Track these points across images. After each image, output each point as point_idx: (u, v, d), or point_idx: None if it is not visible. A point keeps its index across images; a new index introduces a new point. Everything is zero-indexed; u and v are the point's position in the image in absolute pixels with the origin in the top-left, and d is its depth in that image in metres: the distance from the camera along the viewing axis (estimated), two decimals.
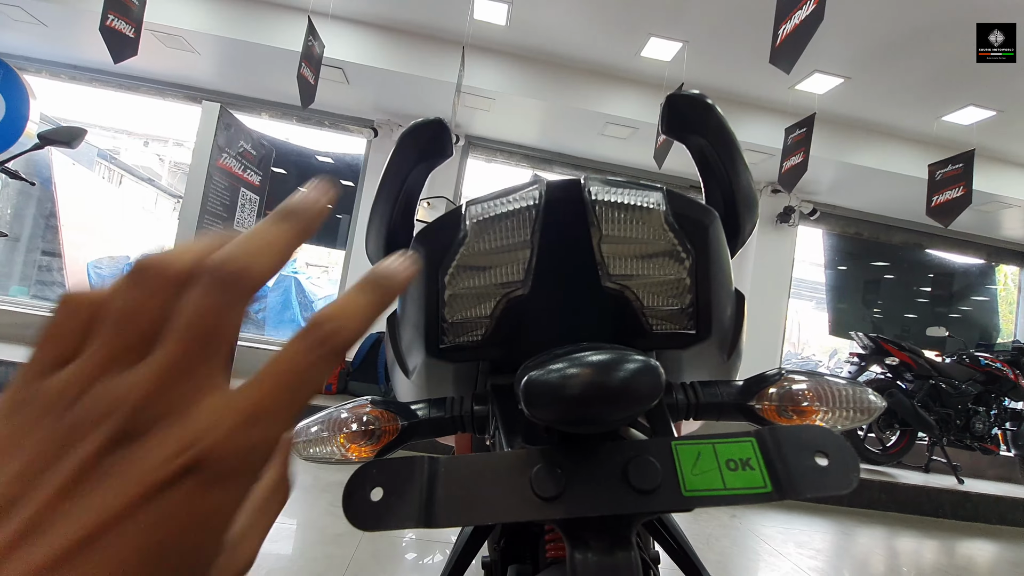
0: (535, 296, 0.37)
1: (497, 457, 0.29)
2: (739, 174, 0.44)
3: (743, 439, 0.29)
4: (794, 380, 0.40)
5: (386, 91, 4.25)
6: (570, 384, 0.27)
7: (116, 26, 2.95)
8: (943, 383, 3.86)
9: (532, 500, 0.27)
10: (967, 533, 3.29)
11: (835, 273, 6.05)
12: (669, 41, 3.59)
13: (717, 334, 0.40)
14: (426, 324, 0.38)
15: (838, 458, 0.28)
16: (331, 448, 0.41)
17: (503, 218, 0.35)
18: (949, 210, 3.57)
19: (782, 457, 0.28)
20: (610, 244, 0.36)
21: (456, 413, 0.42)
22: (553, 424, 0.29)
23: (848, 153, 4.31)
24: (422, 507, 0.27)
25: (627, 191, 0.35)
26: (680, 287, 0.38)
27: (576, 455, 0.29)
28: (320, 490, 2.39)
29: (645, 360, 0.27)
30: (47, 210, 6.34)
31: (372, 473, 0.27)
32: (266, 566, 1.69)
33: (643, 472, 0.28)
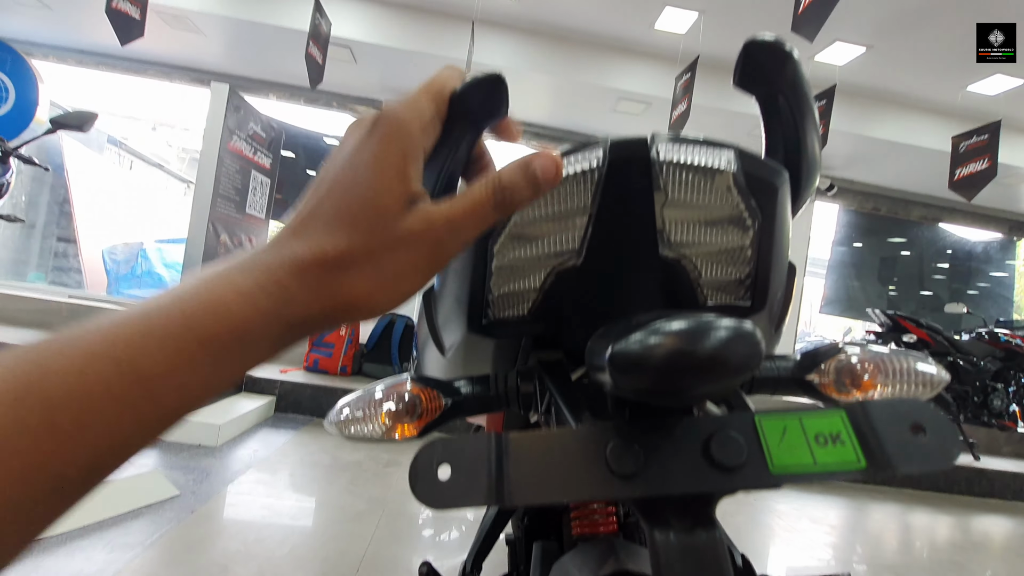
0: (587, 266, 0.35)
1: (568, 432, 0.28)
2: (808, 132, 0.42)
3: (832, 412, 0.28)
4: (852, 354, 0.39)
5: (394, 69, 4.19)
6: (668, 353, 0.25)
7: (122, 7, 2.92)
8: (961, 360, 3.82)
9: (608, 478, 0.26)
10: (982, 509, 3.29)
11: (848, 250, 5.95)
12: (684, 11, 3.48)
13: (770, 306, 0.38)
14: (470, 298, 0.37)
15: (936, 430, 0.26)
16: (373, 427, 0.40)
17: (562, 182, 0.33)
18: (973, 183, 3.47)
19: (874, 431, 0.27)
20: (673, 208, 0.34)
21: (501, 390, 0.41)
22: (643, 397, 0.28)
23: (868, 126, 4.19)
24: (492, 484, 0.26)
25: (697, 149, 0.34)
26: (741, 256, 0.36)
27: (653, 430, 0.28)
28: (339, 469, 2.43)
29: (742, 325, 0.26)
30: (61, 196, 6.39)
31: (438, 451, 0.27)
32: (289, 542, 1.72)
33: (727, 448, 0.26)
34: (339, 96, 4.75)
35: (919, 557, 2.43)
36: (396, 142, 0.24)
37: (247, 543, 1.68)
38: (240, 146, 3.02)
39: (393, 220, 0.24)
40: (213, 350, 0.20)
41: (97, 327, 0.19)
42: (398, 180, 0.24)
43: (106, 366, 0.18)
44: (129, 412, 0.19)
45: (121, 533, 1.61)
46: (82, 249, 6.39)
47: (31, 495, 0.17)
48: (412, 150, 0.25)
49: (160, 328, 0.20)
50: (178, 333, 0.20)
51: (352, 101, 4.79)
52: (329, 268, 0.23)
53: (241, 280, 0.22)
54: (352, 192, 0.24)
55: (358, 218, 0.23)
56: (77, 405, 0.17)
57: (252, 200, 3.27)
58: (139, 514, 1.74)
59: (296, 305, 0.22)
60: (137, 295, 5.85)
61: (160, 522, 1.72)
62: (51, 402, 0.17)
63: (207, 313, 0.21)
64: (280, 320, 0.22)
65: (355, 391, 0.43)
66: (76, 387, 0.18)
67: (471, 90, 0.28)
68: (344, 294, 0.23)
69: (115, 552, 1.50)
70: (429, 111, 0.26)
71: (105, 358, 0.18)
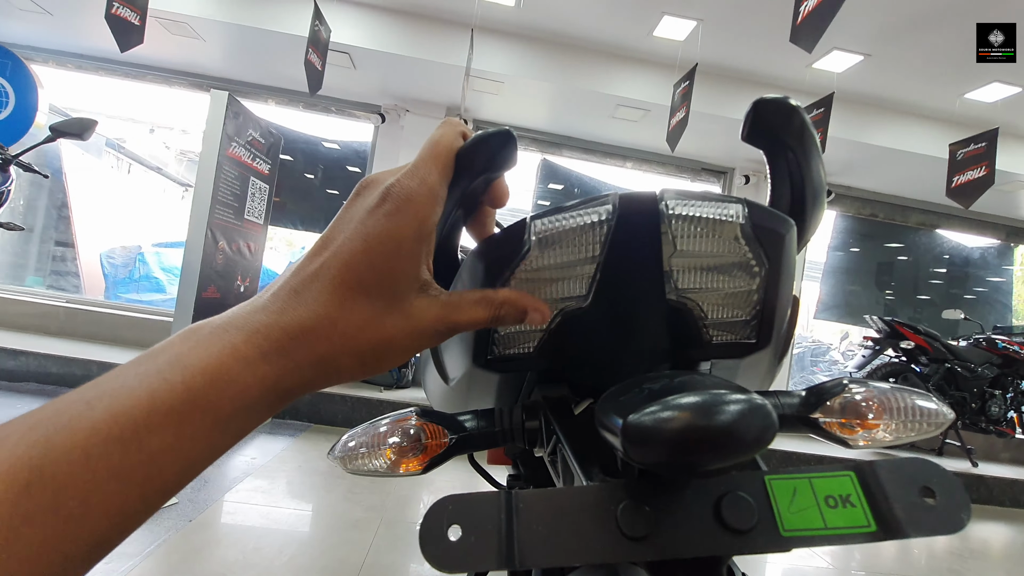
0: (594, 308, 0.36)
1: (579, 491, 0.28)
2: (814, 175, 0.42)
3: (841, 474, 0.28)
4: (857, 391, 0.39)
5: (393, 76, 4.20)
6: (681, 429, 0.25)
7: (121, 14, 2.92)
8: (959, 366, 3.83)
9: (619, 539, 0.26)
10: (981, 516, 3.29)
11: (845, 255, 5.96)
12: (683, 19, 3.50)
13: (775, 342, 0.38)
14: (475, 336, 0.37)
15: (946, 494, 0.26)
16: (378, 462, 0.40)
17: (571, 233, 0.33)
18: (970, 191, 3.48)
19: (884, 493, 0.27)
20: (681, 258, 0.35)
21: (506, 426, 0.41)
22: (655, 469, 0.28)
23: (866, 133, 4.21)
24: (502, 546, 0.26)
25: (706, 204, 0.34)
26: (748, 299, 0.36)
27: (664, 490, 0.28)
28: (338, 476, 2.42)
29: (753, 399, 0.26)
30: (59, 200, 6.38)
31: (448, 510, 0.27)
32: (288, 551, 1.72)
33: (738, 511, 0.27)
34: (338, 101, 4.75)
35: (917, 565, 2.43)
36: (410, 222, 0.25)
37: (245, 552, 1.67)
38: (239, 152, 3.01)
39: (404, 300, 0.25)
40: (216, 421, 0.21)
41: (100, 396, 0.19)
42: (412, 263, 0.25)
43: (112, 447, 0.18)
44: (135, 490, 0.19)
45: None
46: (80, 253, 6.38)
47: None
48: (425, 232, 0.25)
49: (164, 404, 0.20)
50: (182, 409, 0.20)
51: (351, 106, 4.79)
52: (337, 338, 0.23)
53: (243, 346, 0.22)
54: (365, 265, 0.24)
55: (372, 293, 0.24)
56: (83, 488, 0.18)
57: (251, 206, 3.26)
58: None
59: (296, 372, 0.23)
60: (134, 299, 5.82)
61: (158, 531, 1.71)
62: (58, 487, 0.17)
63: (210, 384, 0.21)
64: (278, 388, 0.22)
65: (360, 425, 0.43)
66: (82, 471, 0.18)
67: (479, 146, 0.28)
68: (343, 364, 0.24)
69: (112, 562, 1.49)
70: (438, 182, 0.26)
71: (111, 439, 0.18)
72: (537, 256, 0.34)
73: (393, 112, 4.66)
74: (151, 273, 6.44)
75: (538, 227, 0.34)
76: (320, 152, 5.40)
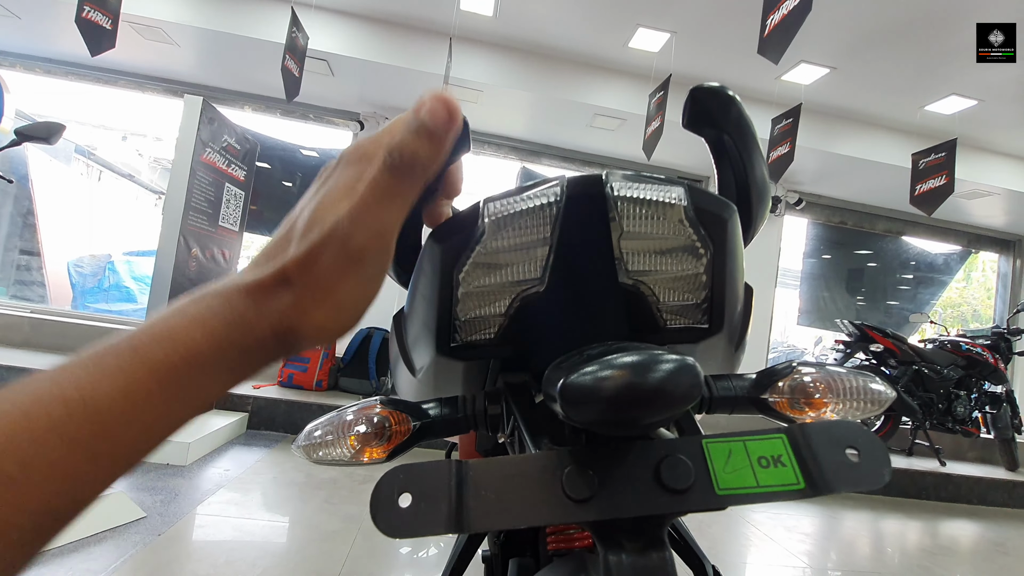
0: (550, 293, 0.37)
1: (526, 459, 0.29)
2: (755, 166, 0.44)
3: (773, 436, 0.29)
4: (805, 373, 0.40)
5: (372, 83, 4.20)
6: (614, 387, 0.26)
7: (93, 18, 2.87)
8: (926, 368, 3.95)
9: (564, 502, 0.27)
10: (949, 514, 3.39)
11: (817, 262, 6.13)
12: (657, 32, 3.58)
13: (728, 328, 0.40)
14: (437, 323, 0.37)
15: (869, 453, 0.28)
16: (341, 450, 0.40)
17: (522, 215, 0.34)
18: (933, 198, 3.62)
19: (813, 453, 0.28)
20: (630, 240, 0.36)
21: (469, 412, 0.42)
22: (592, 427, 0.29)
23: (833, 143, 4.35)
24: (452, 512, 0.27)
25: (649, 186, 0.35)
26: (696, 282, 0.38)
27: (607, 455, 0.29)
28: (314, 487, 2.38)
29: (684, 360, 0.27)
30: (25, 208, 6.18)
31: (399, 479, 0.27)
32: (261, 564, 1.68)
33: (676, 472, 0.28)
34: (316, 108, 4.73)
35: (890, 563, 2.48)
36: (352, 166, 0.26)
37: (216, 566, 1.63)
38: (213, 158, 2.97)
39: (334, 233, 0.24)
40: (166, 379, 0.20)
41: (48, 371, 0.19)
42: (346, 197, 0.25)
43: (54, 407, 0.18)
44: (82, 451, 0.18)
45: (83, 558, 1.55)
46: (46, 262, 6.17)
47: None
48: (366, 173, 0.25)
49: (110, 364, 0.19)
50: (128, 366, 0.19)
51: (329, 113, 4.77)
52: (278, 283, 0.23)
53: (193, 308, 0.22)
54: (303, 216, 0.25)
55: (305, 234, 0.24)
56: (23, 448, 0.17)
57: (225, 213, 3.21)
58: (102, 538, 1.68)
59: (248, 327, 0.22)
60: (103, 309, 5.66)
61: (125, 546, 1.66)
62: None
63: (155, 342, 0.20)
64: (233, 344, 0.22)
65: (325, 415, 0.43)
66: (21, 430, 0.17)
67: None
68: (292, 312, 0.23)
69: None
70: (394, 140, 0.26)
71: (53, 399, 0.18)
72: (492, 239, 0.34)
73: (372, 119, 4.66)
74: (121, 282, 6.28)
75: (491, 209, 0.35)
76: (298, 159, 5.36)
